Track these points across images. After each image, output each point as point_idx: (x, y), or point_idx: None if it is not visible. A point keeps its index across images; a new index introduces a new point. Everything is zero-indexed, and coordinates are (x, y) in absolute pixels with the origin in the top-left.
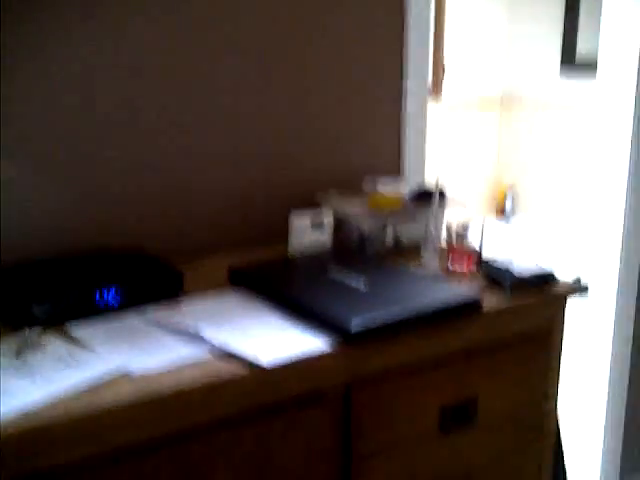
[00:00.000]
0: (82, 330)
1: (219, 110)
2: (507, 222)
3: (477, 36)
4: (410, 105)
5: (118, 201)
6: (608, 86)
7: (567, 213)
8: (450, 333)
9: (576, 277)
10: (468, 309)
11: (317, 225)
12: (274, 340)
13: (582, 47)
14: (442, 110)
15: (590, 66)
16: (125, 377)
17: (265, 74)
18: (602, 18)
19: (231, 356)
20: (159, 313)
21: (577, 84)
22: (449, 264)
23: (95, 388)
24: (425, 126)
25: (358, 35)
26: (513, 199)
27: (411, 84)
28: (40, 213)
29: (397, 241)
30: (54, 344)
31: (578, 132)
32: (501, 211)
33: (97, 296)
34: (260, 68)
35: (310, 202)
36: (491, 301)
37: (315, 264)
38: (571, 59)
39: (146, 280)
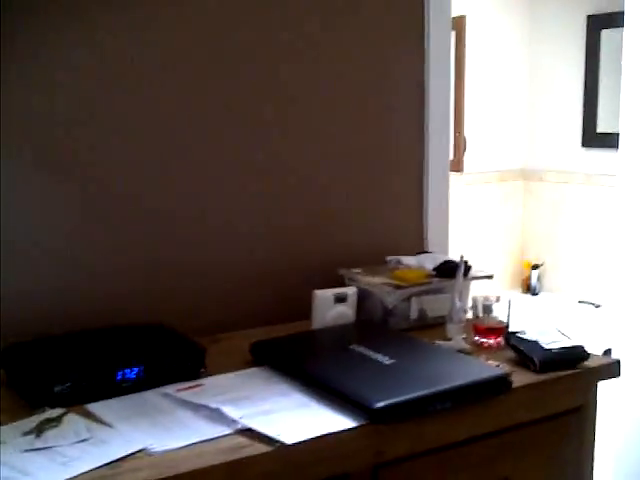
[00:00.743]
0: (102, 408)
1: (241, 184)
2: (534, 297)
3: (498, 109)
4: (432, 181)
5: (136, 275)
6: (630, 159)
7: (594, 288)
8: (479, 411)
9: (606, 349)
10: (497, 386)
11: (340, 299)
12: (297, 419)
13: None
14: (464, 185)
15: (610, 138)
16: (145, 456)
17: (294, 152)
18: (621, 91)
19: (254, 435)
20: (180, 391)
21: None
22: (475, 338)
23: (115, 467)
24: (447, 202)
25: (379, 116)
26: (539, 274)
27: (433, 161)
28: (57, 287)
29: (422, 315)
30: (75, 423)
31: (601, 204)
32: (527, 286)
33: (119, 375)
34: (289, 145)
35: (333, 279)
36: (520, 378)
37: (338, 339)
38: (592, 133)
39: (168, 357)
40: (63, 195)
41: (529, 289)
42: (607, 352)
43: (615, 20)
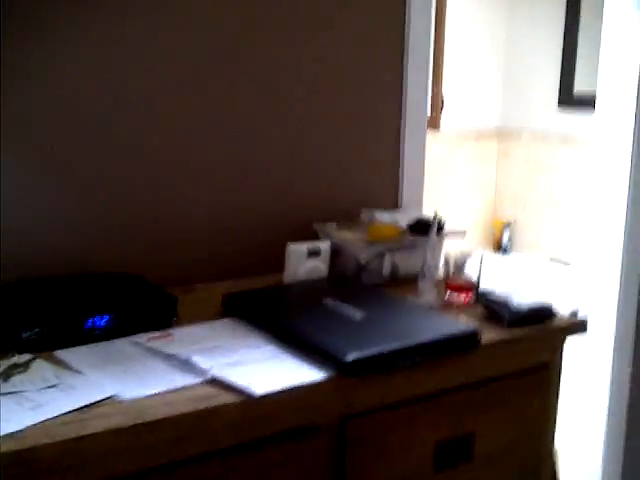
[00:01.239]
0: (71, 355)
1: (218, 139)
2: (505, 256)
3: (475, 67)
4: (409, 138)
5: (107, 225)
6: (606, 121)
7: (565, 247)
8: (448, 366)
9: (574, 309)
10: (466, 342)
11: (314, 253)
12: (267, 370)
13: (580, 83)
14: (440, 143)
15: (588, 102)
16: (115, 403)
17: (265, 105)
18: (600, 53)
19: (224, 385)
20: (151, 340)
21: (575, 118)
22: (447, 296)
23: (84, 413)
24: (423, 160)
25: (358, 70)
26: (510, 233)
27: (410, 118)
28: (36, 234)
29: (394, 271)
30: (43, 369)
31: (576, 166)
32: (498, 245)
33: (88, 323)
34: (260, 99)
35: (307, 233)
36: (489, 334)
37: (311, 293)
38: (569, 95)
39: (139, 306)
40: (32, 142)
41: (500, 247)
42: (574, 312)
43: None
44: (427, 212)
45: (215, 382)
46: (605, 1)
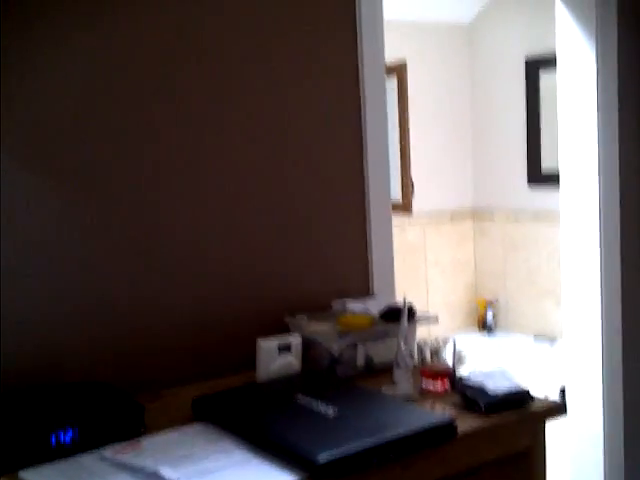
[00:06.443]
0: (35, 476)
1: (183, 232)
2: (489, 336)
3: (444, 153)
4: (375, 226)
5: (71, 329)
6: (571, 195)
7: (550, 323)
8: (425, 460)
9: (561, 387)
10: (442, 433)
11: (284, 349)
12: (237, 478)
13: (546, 160)
14: (415, 226)
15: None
16: None
17: (231, 202)
18: (559, 129)
19: None
20: (118, 453)
21: (545, 195)
22: (422, 384)
23: None
24: (391, 245)
25: (319, 166)
26: (494, 311)
27: (374, 206)
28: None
29: (369, 361)
30: None
31: (551, 241)
32: (483, 324)
33: (52, 439)
34: (226, 195)
35: (279, 327)
36: (466, 423)
37: (282, 390)
38: (537, 172)
39: (105, 417)
40: None
41: (485, 327)
42: (563, 391)
43: (552, 62)
44: (402, 298)
45: None
46: (558, 84)
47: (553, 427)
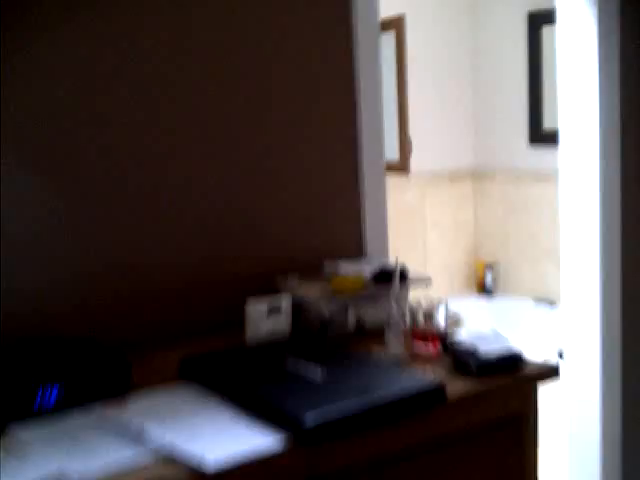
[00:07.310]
0: (19, 433)
1: (170, 191)
2: (489, 298)
3: (444, 111)
4: (368, 185)
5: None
6: (571, 155)
7: (550, 285)
8: (413, 425)
9: (559, 350)
10: (431, 397)
11: (274, 311)
12: (222, 440)
13: (548, 120)
14: (413, 186)
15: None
16: None
17: (224, 157)
18: (558, 87)
19: (175, 459)
20: (104, 411)
21: (546, 155)
22: (414, 346)
23: None
24: (385, 205)
25: (311, 123)
26: (494, 274)
27: (367, 162)
28: None
29: (360, 325)
30: None
31: (552, 202)
32: (482, 287)
33: (38, 395)
34: (218, 151)
35: (270, 288)
36: (457, 386)
37: (271, 354)
38: (539, 132)
39: (92, 375)
40: None
41: (484, 290)
42: (560, 354)
43: (555, 17)
44: (395, 259)
45: (167, 455)
46: (557, 38)
47: (549, 390)
